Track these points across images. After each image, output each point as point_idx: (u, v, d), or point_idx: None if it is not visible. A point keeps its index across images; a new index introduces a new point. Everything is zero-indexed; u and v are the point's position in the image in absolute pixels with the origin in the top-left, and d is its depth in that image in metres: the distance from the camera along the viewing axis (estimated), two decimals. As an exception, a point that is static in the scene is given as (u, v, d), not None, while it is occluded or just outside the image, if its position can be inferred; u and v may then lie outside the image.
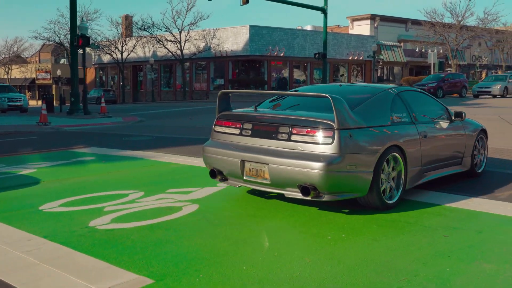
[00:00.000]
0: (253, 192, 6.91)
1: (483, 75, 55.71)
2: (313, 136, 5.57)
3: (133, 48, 53.35)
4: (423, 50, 55.87)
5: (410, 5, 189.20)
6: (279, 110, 6.61)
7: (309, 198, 5.55)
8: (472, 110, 21.53)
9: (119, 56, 53.67)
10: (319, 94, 5.97)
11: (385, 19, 58.76)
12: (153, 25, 50.91)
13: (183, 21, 50.52)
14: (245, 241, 4.90)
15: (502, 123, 17.08)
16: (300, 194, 5.57)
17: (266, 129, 5.97)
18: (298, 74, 52.58)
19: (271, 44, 48.68)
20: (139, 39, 53.01)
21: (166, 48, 50.20)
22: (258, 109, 6.51)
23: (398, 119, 6.43)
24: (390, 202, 6.05)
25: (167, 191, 6.91)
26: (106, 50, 54.24)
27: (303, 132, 5.64)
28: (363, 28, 58.29)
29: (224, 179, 6.36)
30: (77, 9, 25.80)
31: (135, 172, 8.70)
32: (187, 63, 52.21)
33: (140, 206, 6.13)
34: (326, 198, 5.59)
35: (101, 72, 65.19)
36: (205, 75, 52.63)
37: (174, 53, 49.77)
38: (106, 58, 58.67)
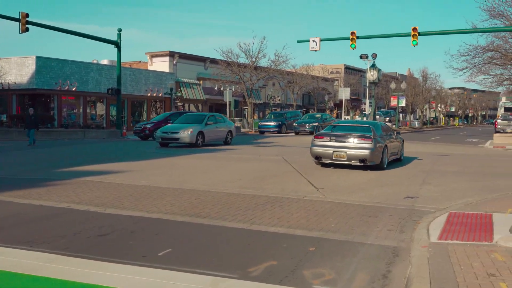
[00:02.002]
0: None
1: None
2: (365, 140, 14.62)
3: None
4: (221, 89, 56.72)
5: (208, 44, 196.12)
6: (344, 131, 15.55)
7: (362, 164, 14.60)
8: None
9: None
10: (363, 124, 16.43)
11: (184, 56, 58.60)
12: None
13: (-46, 48, 44.02)
14: None
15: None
16: (358, 163, 14.63)
17: (342, 138, 14.97)
18: (100, 109, 49.46)
19: (62, 77, 44.79)
20: None
21: None
22: (333, 131, 15.95)
23: (383, 134, 15.89)
24: (384, 166, 15.37)
25: None
26: None
27: (360, 139, 14.68)
28: (162, 65, 57.32)
29: (320, 160, 15.32)
30: None
31: None
32: (-39, 96, 45.44)
33: None
34: (368, 164, 14.62)
35: None
36: (-16, 110, 46.32)
37: None
38: None
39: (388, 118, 54.48)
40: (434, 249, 6.26)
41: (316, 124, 42.08)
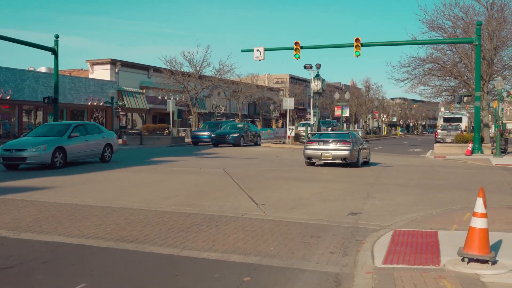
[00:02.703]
0: None
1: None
2: (345, 144, 19.97)
3: None
4: (165, 98, 55.56)
5: (151, 52, 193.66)
6: (330, 138, 20.96)
7: (344, 162, 19.95)
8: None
9: None
10: (344, 132, 24.20)
11: (126, 64, 57.06)
12: None
13: None
14: None
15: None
16: (341, 161, 19.92)
17: (328, 143, 20.23)
18: (39, 118, 47.34)
19: (-6, 85, 42.59)
20: None
21: None
22: (321, 137, 21.58)
23: (357, 141, 21.03)
24: (359, 164, 20.56)
25: None
26: None
27: (341, 143, 19.99)
28: (103, 73, 55.56)
29: (311, 160, 20.47)
30: None
31: None
32: None
33: None
34: (348, 161, 19.91)
35: None
36: None
37: None
38: None
39: (330, 128, 54.30)
40: (379, 276, 5.75)
41: (237, 134, 38.91)
